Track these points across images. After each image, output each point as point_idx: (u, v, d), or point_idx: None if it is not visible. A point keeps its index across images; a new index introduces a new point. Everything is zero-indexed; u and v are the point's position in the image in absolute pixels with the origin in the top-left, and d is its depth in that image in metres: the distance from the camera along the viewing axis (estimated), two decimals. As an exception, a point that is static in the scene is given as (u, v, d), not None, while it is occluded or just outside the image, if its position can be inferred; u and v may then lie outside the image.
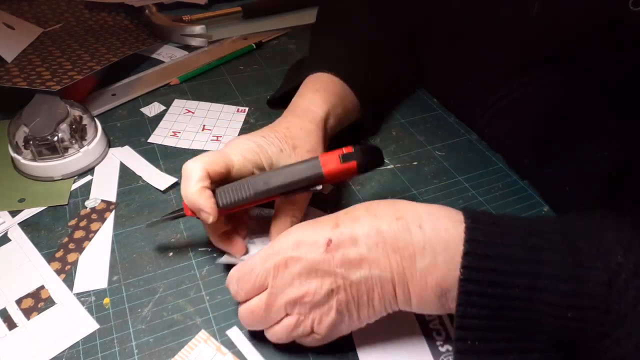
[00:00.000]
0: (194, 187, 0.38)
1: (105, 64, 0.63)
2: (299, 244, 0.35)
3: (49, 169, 0.53)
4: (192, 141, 0.59)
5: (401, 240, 0.34)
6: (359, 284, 0.34)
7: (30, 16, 0.75)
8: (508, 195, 0.52)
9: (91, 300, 0.42)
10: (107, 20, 0.78)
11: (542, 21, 0.47)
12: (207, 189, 0.39)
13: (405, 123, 0.63)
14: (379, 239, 0.34)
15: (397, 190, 0.53)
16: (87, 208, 0.50)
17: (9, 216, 0.49)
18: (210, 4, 0.90)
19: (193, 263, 0.45)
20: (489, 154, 0.58)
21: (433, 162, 0.57)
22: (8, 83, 0.57)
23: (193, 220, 0.49)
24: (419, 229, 0.34)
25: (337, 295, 0.34)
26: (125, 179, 0.54)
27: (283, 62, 0.75)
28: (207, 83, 0.70)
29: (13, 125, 0.54)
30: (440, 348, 0.39)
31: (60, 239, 0.47)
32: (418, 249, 0.34)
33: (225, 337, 0.39)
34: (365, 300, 0.35)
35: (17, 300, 0.42)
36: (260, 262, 0.36)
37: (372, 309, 0.35)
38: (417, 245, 0.34)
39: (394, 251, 0.34)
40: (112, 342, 0.39)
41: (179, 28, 0.78)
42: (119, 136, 0.59)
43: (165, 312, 0.41)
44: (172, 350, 0.38)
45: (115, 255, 0.46)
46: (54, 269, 0.44)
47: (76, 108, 0.57)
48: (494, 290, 0.32)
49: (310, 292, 0.34)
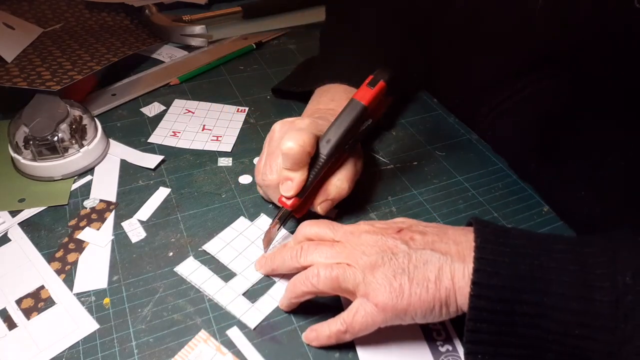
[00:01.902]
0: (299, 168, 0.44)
1: (105, 64, 0.63)
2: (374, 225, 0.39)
3: (49, 169, 0.53)
4: (192, 141, 0.59)
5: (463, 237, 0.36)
6: (417, 260, 0.36)
7: (30, 16, 0.75)
8: (508, 195, 0.52)
9: (91, 300, 0.42)
10: (107, 20, 0.78)
11: (546, 20, 0.47)
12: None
13: (405, 123, 0.63)
14: (445, 238, 0.37)
15: (397, 190, 0.53)
16: (87, 208, 0.50)
17: (9, 216, 0.49)
18: (210, 4, 0.90)
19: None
20: (489, 154, 0.58)
21: (433, 162, 0.57)
22: (8, 83, 0.57)
23: (193, 220, 0.49)
24: None
25: (395, 261, 0.36)
26: (125, 179, 0.54)
27: (283, 62, 0.75)
28: (207, 83, 0.70)
29: (13, 125, 0.54)
30: (441, 348, 0.39)
31: (60, 239, 0.47)
32: None
33: (225, 337, 0.39)
34: (420, 277, 0.35)
35: (17, 300, 0.42)
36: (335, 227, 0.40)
37: (425, 288, 0.35)
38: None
39: (455, 244, 0.36)
40: (112, 342, 0.39)
41: (179, 28, 0.78)
42: (119, 136, 0.60)
43: (165, 312, 0.41)
44: (172, 350, 0.38)
45: (115, 255, 0.46)
46: (54, 269, 0.44)
47: (76, 108, 0.57)
48: (504, 307, 0.32)
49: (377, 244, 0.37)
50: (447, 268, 0.35)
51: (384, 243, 0.37)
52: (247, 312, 0.41)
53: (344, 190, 0.47)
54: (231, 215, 0.49)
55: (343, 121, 0.45)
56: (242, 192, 0.52)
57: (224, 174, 0.55)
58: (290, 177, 0.44)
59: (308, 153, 0.43)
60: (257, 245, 0.46)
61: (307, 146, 0.43)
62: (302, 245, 0.40)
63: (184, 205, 0.51)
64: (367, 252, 0.37)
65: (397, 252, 0.36)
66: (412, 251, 0.36)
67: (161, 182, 0.53)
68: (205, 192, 0.52)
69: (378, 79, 0.46)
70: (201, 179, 0.54)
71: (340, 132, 0.45)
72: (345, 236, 0.39)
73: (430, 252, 0.36)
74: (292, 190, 0.44)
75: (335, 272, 0.37)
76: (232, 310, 0.41)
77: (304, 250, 0.39)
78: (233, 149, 0.58)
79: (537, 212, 0.51)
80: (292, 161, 0.43)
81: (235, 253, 0.46)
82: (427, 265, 0.35)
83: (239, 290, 0.42)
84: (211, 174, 0.54)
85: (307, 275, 0.38)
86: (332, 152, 0.45)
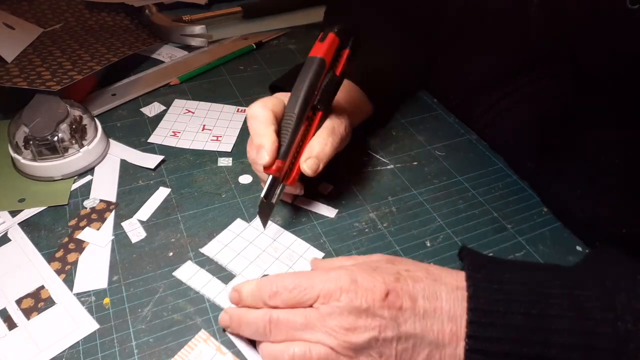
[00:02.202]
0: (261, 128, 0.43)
1: (105, 64, 0.63)
2: (357, 284, 0.33)
3: (49, 169, 0.53)
4: (192, 141, 0.59)
5: (459, 309, 0.33)
6: (406, 342, 0.33)
7: (30, 16, 0.75)
8: (508, 195, 0.52)
9: (91, 300, 0.42)
10: (107, 20, 0.78)
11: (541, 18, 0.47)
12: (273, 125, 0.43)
13: (405, 123, 0.63)
14: (437, 305, 0.33)
15: (397, 190, 0.53)
16: (87, 208, 0.50)
17: (9, 216, 0.49)
18: (210, 4, 0.90)
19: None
20: (489, 154, 0.58)
21: (433, 162, 0.57)
22: (8, 83, 0.57)
23: (193, 220, 0.49)
24: None
25: (380, 346, 0.32)
26: (125, 179, 0.54)
27: (283, 62, 0.75)
28: (207, 83, 0.70)
29: (13, 125, 0.54)
30: None
31: (60, 239, 0.47)
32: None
33: (225, 337, 0.39)
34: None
35: (17, 300, 0.42)
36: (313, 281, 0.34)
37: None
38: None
39: (449, 320, 0.33)
40: (112, 342, 0.39)
41: (179, 28, 0.78)
42: (119, 136, 0.60)
43: (165, 312, 0.41)
44: (172, 350, 0.38)
45: (115, 255, 0.46)
46: (54, 269, 0.44)
47: (76, 108, 0.57)
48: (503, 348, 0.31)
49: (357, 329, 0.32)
50: (437, 355, 0.33)
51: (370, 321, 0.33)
52: None
53: (327, 146, 0.45)
54: (231, 215, 0.49)
55: (303, 77, 0.45)
56: (242, 192, 0.52)
57: (224, 174, 0.55)
58: (261, 143, 0.43)
59: (272, 112, 0.44)
60: (256, 245, 0.46)
61: (269, 106, 0.43)
62: (271, 317, 0.35)
63: (184, 205, 0.51)
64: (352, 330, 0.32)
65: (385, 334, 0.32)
66: (402, 332, 0.33)
67: (161, 182, 0.53)
68: (205, 192, 0.52)
69: (327, 32, 0.47)
70: (201, 179, 0.54)
71: (304, 87, 0.45)
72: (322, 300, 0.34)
73: (421, 334, 0.33)
74: (268, 155, 0.42)
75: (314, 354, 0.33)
76: None
77: (274, 325, 0.35)
78: (233, 149, 0.58)
79: (537, 212, 0.51)
80: (258, 124, 0.43)
81: (233, 254, 0.46)
82: (416, 349, 0.33)
83: None
84: (211, 174, 0.54)
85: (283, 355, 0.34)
86: (301, 108, 0.45)
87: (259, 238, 0.47)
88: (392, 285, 0.33)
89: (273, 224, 0.49)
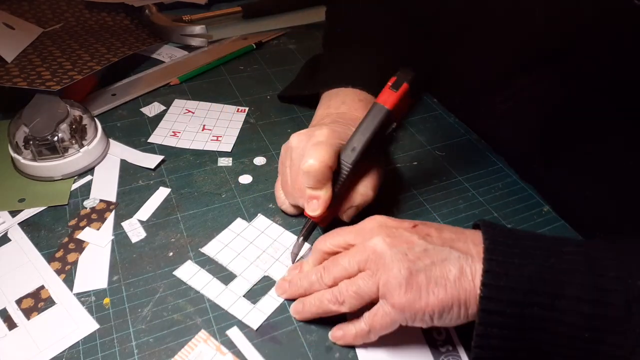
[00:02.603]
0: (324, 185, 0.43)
1: (105, 64, 0.63)
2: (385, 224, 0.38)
3: (49, 169, 0.53)
4: (192, 141, 0.59)
5: (478, 237, 0.36)
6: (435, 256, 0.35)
7: (30, 16, 0.75)
8: (508, 195, 0.52)
9: (91, 300, 0.42)
10: (107, 20, 0.78)
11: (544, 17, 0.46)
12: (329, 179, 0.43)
13: (405, 123, 0.63)
14: (461, 236, 0.36)
15: (397, 190, 0.53)
16: (87, 208, 0.50)
17: (9, 216, 0.49)
18: (210, 4, 0.90)
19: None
20: (489, 154, 0.58)
21: (433, 162, 0.57)
22: (8, 83, 0.57)
23: (193, 220, 0.49)
24: None
25: (409, 262, 0.35)
26: (125, 179, 0.54)
27: (283, 62, 0.75)
28: (207, 83, 0.70)
29: (13, 125, 0.54)
30: (441, 348, 0.39)
31: (60, 239, 0.47)
32: None
33: (225, 337, 0.39)
34: (439, 275, 0.34)
35: (17, 300, 0.42)
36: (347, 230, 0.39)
37: (445, 289, 0.34)
38: None
39: (474, 244, 0.35)
40: (112, 342, 0.39)
41: (179, 28, 0.78)
42: (119, 136, 0.60)
43: (165, 312, 0.41)
44: (172, 350, 0.38)
45: (115, 255, 0.46)
46: (54, 269, 0.44)
47: (76, 108, 0.57)
48: (514, 310, 0.32)
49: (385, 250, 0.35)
50: (468, 268, 0.34)
51: (399, 236, 0.36)
52: (248, 313, 0.41)
53: (369, 197, 0.45)
54: (231, 215, 0.49)
55: (368, 127, 0.43)
56: (242, 192, 0.52)
57: (224, 174, 0.55)
58: (315, 195, 0.43)
59: (330, 168, 0.42)
60: (256, 245, 0.47)
61: (328, 161, 0.42)
62: (324, 265, 0.39)
63: (184, 205, 0.51)
64: (380, 250, 0.36)
65: (413, 246, 0.35)
66: (431, 246, 0.35)
67: (161, 182, 0.53)
68: (205, 192, 0.52)
69: (401, 80, 0.43)
70: (201, 179, 0.54)
71: (365, 139, 0.43)
72: (358, 237, 0.38)
73: (449, 250, 0.35)
74: (319, 208, 0.43)
75: (354, 287, 0.36)
76: (234, 312, 0.41)
77: (326, 269, 0.39)
78: (233, 149, 0.58)
79: (537, 212, 0.51)
80: (315, 179, 0.42)
81: (234, 254, 0.46)
82: (445, 264, 0.34)
83: (240, 293, 0.42)
84: (211, 174, 0.54)
85: (335, 296, 0.37)
86: (357, 160, 0.43)
87: (259, 238, 0.47)
88: (417, 222, 0.38)
89: (274, 224, 0.49)
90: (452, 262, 0.34)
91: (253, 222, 0.49)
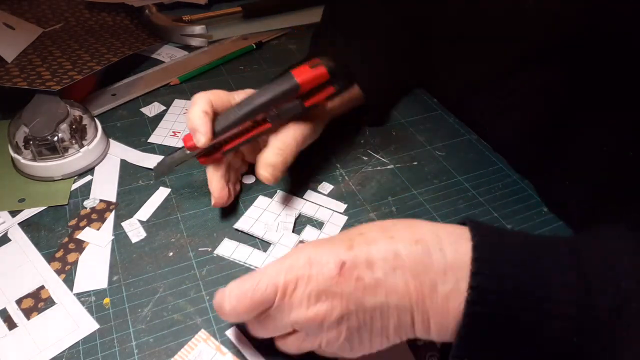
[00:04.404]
0: (196, 111, 0.44)
1: (105, 64, 0.63)
2: (311, 263, 0.33)
3: (49, 169, 0.53)
4: (192, 141, 0.59)
5: (420, 266, 0.31)
6: (373, 311, 0.32)
7: (30, 16, 0.75)
8: (508, 195, 0.52)
9: (91, 300, 0.42)
10: (107, 20, 0.78)
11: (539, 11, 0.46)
12: (207, 113, 0.44)
13: (405, 123, 0.63)
14: (397, 263, 0.32)
15: (397, 190, 0.53)
16: (87, 208, 0.50)
17: (9, 216, 0.49)
18: (210, 4, 0.90)
19: (193, 263, 0.45)
20: (489, 154, 0.58)
21: (433, 162, 0.57)
22: (8, 83, 0.57)
23: (193, 220, 0.49)
24: (440, 252, 0.31)
25: (347, 322, 0.32)
26: (125, 179, 0.54)
27: (283, 62, 0.75)
28: (207, 83, 0.70)
29: (13, 125, 0.54)
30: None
31: (60, 239, 0.47)
32: (439, 274, 0.31)
33: (225, 337, 0.39)
34: (379, 328, 0.32)
35: (17, 300, 0.42)
36: (268, 276, 0.33)
37: (386, 338, 0.33)
38: (438, 270, 0.31)
39: (413, 277, 0.31)
40: (112, 342, 0.39)
41: (179, 28, 0.78)
42: (119, 136, 0.60)
43: (165, 312, 0.41)
44: (172, 350, 0.38)
45: (115, 255, 0.46)
46: (54, 269, 0.44)
47: (76, 108, 0.57)
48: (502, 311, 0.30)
49: (319, 316, 0.32)
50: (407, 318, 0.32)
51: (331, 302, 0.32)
52: None
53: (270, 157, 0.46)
54: (231, 216, 0.49)
55: (268, 91, 0.44)
56: (242, 192, 0.52)
57: (224, 174, 0.55)
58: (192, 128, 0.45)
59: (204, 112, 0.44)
60: (287, 213, 0.49)
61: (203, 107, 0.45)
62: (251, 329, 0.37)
63: (184, 205, 0.51)
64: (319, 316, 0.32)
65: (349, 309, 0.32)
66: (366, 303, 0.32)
67: (161, 182, 0.53)
68: (206, 192, 0.52)
69: (321, 64, 0.45)
70: (201, 179, 0.54)
71: (260, 102, 0.44)
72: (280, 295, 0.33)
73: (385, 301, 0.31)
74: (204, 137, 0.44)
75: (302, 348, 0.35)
76: None
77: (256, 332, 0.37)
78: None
79: (537, 212, 0.51)
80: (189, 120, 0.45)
81: (265, 227, 0.48)
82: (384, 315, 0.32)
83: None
84: (211, 174, 0.54)
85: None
86: (245, 116, 0.45)
87: (285, 211, 0.50)
88: (345, 256, 0.32)
89: (295, 197, 0.52)
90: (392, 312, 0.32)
91: (274, 198, 0.51)
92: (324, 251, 0.33)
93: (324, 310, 0.32)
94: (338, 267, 0.32)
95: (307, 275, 0.32)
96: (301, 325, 0.33)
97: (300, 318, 0.32)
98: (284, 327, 0.34)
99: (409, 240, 0.32)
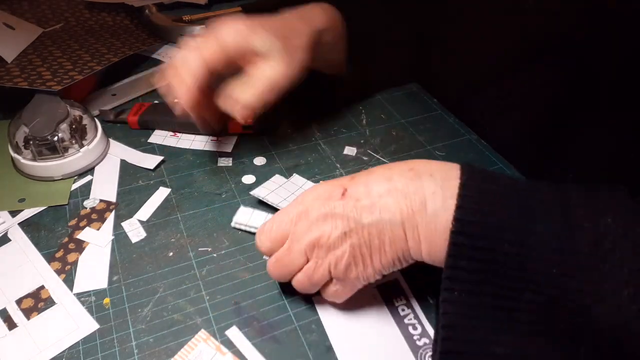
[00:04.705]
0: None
1: (106, 64, 0.63)
2: (320, 196, 0.38)
3: (49, 169, 0.53)
4: (192, 141, 0.59)
5: (411, 187, 0.35)
6: (370, 227, 0.36)
7: (30, 16, 0.75)
8: (508, 195, 0.52)
9: (91, 300, 0.42)
10: (107, 20, 0.78)
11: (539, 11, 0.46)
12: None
13: (405, 123, 0.63)
14: (390, 186, 0.36)
15: (397, 190, 0.53)
16: (87, 208, 0.50)
17: (9, 216, 0.49)
18: (210, 4, 0.90)
19: (193, 263, 0.45)
20: (488, 153, 0.58)
21: (433, 162, 0.57)
22: (8, 83, 0.57)
23: (193, 220, 0.49)
24: (430, 177, 0.35)
25: (350, 238, 0.36)
26: (125, 179, 0.54)
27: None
28: (207, 83, 0.70)
29: (13, 125, 0.54)
30: (418, 342, 0.39)
31: (60, 239, 0.47)
32: (428, 194, 0.34)
33: (225, 337, 0.39)
34: (377, 244, 0.36)
35: (17, 300, 0.42)
36: (283, 213, 0.39)
37: (385, 254, 0.36)
38: (428, 190, 0.34)
39: (404, 197, 0.35)
40: (112, 342, 0.39)
41: (179, 28, 0.78)
42: (119, 136, 0.60)
43: (165, 312, 0.41)
44: (172, 350, 0.38)
45: (115, 255, 0.46)
46: (54, 269, 0.44)
47: (76, 108, 0.57)
48: (485, 243, 0.32)
49: (325, 234, 0.36)
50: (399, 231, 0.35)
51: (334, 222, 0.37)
52: None
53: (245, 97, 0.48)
54: (231, 216, 0.49)
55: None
56: (242, 192, 0.52)
57: (224, 174, 0.55)
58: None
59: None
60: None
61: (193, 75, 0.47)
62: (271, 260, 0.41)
63: (184, 205, 0.51)
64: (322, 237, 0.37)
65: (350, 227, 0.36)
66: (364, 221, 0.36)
67: (161, 182, 0.53)
68: (205, 192, 0.52)
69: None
70: (201, 179, 0.54)
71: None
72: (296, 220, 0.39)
73: (380, 217, 0.35)
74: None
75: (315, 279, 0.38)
76: None
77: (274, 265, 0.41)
78: (233, 149, 0.58)
79: (537, 212, 0.50)
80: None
81: (280, 198, 0.50)
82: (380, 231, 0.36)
83: None
84: (211, 174, 0.54)
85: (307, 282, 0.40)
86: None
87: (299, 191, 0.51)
88: (347, 183, 0.38)
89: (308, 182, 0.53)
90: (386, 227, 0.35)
91: (291, 179, 0.53)
92: (329, 185, 0.39)
93: (329, 229, 0.36)
94: (340, 194, 0.37)
95: (316, 204, 0.38)
96: (312, 247, 0.37)
97: (310, 239, 0.37)
98: (300, 256, 0.38)
99: (403, 169, 0.37)
